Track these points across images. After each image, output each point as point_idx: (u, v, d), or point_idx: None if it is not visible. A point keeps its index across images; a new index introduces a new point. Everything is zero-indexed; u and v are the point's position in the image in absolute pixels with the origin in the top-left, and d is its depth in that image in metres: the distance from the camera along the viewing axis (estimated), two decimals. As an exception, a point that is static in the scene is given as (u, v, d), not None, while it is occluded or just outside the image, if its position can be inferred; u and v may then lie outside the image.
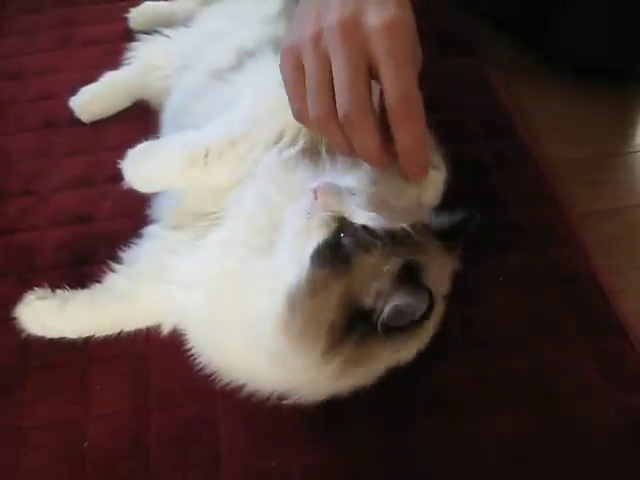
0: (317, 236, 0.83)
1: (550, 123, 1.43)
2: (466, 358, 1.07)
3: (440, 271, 0.88)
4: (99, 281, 1.08)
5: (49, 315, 1.05)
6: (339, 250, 0.81)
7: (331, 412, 0.98)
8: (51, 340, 1.06)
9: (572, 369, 1.06)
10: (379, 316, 0.80)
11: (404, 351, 0.87)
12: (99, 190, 1.28)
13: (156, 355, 1.05)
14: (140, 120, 1.39)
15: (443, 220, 0.90)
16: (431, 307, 0.79)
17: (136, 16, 1.57)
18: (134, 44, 1.45)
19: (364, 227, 0.82)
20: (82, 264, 1.16)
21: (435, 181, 1.03)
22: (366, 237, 0.81)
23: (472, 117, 1.43)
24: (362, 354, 0.83)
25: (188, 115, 1.17)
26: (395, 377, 1.01)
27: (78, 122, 1.41)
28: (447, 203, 1.21)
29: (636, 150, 1.42)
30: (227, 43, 1.21)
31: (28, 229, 1.23)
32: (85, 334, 1.05)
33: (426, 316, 0.80)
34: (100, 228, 1.22)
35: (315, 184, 0.85)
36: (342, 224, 0.83)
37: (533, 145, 1.38)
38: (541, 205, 1.27)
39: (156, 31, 1.44)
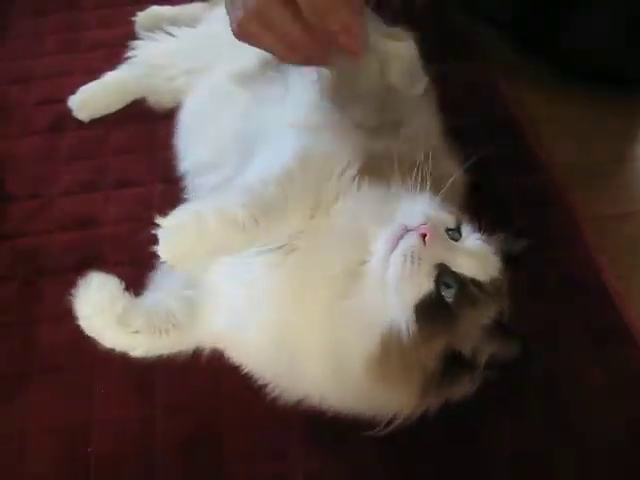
0: (423, 285, 0.80)
1: (555, 128, 1.43)
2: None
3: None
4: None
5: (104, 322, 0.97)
6: (441, 303, 0.80)
7: (334, 418, 0.98)
8: (56, 344, 1.06)
9: (577, 373, 1.06)
10: (478, 365, 0.83)
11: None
12: (104, 194, 1.29)
13: (162, 361, 1.04)
14: (146, 124, 1.40)
15: (506, 249, 0.90)
16: (527, 352, 0.83)
17: (143, 20, 1.57)
18: (135, 43, 1.45)
19: (472, 280, 0.82)
20: (87, 268, 1.15)
21: (398, 52, 1.02)
22: (475, 292, 0.81)
23: (476, 120, 1.42)
24: (452, 391, 0.85)
25: (209, 122, 1.16)
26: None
27: (83, 126, 1.42)
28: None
29: (644, 155, 1.42)
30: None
31: (33, 233, 1.23)
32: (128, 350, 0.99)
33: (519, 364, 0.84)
34: (105, 232, 1.22)
35: (418, 225, 0.82)
36: (442, 272, 0.81)
37: (538, 149, 1.38)
38: (546, 209, 1.27)
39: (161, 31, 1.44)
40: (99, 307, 0.96)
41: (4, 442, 0.99)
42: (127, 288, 1.01)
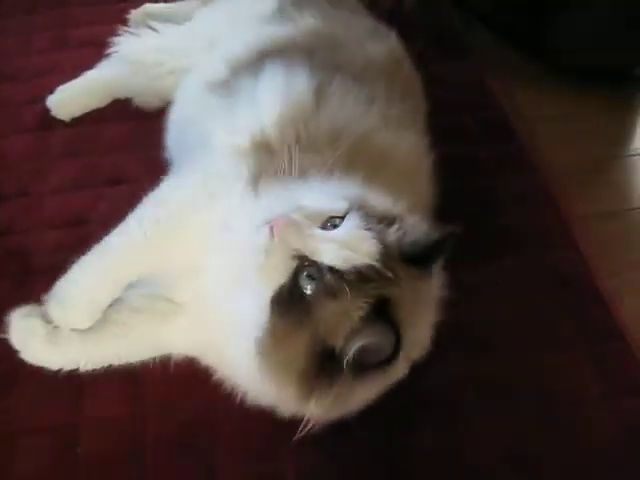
0: (275, 278, 0.79)
1: (549, 126, 1.44)
2: (465, 360, 1.06)
3: (416, 302, 0.82)
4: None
5: (37, 344, 0.99)
6: (300, 296, 0.78)
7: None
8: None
9: (570, 372, 1.06)
10: (344, 358, 0.77)
11: (386, 379, 0.84)
12: (95, 192, 1.28)
13: (152, 360, 1.03)
14: (135, 121, 1.39)
15: (416, 241, 0.81)
16: (398, 346, 0.76)
17: (137, 17, 1.56)
18: (116, 39, 1.43)
19: (330, 269, 0.77)
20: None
21: None
22: (332, 282, 0.77)
23: (470, 119, 1.43)
24: (336, 394, 0.80)
25: (189, 128, 1.15)
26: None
27: (74, 124, 1.41)
28: (446, 205, 1.23)
29: (634, 153, 1.42)
30: (219, 51, 1.21)
31: (24, 231, 1.23)
32: (71, 367, 1.00)
33: (394, 355, 0.76)
34: (96, 230, 1.18)
35: (271, 217, 0.80)
36: (301, 263, 0.78)
37: (531, 148, 1.38)
38: (539, 207, 1.28)
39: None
40: (29, 333, 0.99)
41: (-7, 442, 0.98)
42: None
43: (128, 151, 1.35)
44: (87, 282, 0.96)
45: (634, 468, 0.97)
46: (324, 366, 0.79)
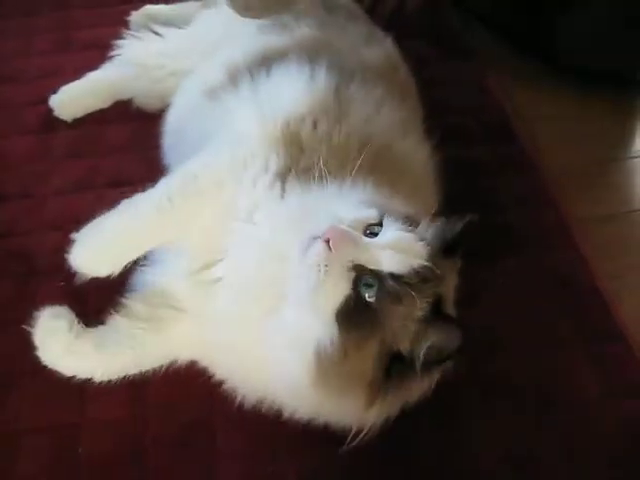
0: (339, 291, 0.78)
1: (550, 128, 1.44)
2: (465, 360, 1.06)
3: (452, 290, 0.86)
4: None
5: (58, 351, 1.00)
6: (363, 305, 0.78)
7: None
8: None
9: (570, 372, 1.06)
10: (416, 359, 0.79)
11: (438, 375, 0.86)
12: (97, 194, 1.28)
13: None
14: (137, 123, 1.39)
15: (443, 233, 0.83)
16: (463, 341, 0.78)
17: (137, 19, 1.56)
18: (119, 42, 1.44)
19: (391, 275, 0.78)
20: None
21: None
22: (396, 288, 0.77)
23: (471, 121, 1.44)
24: (405, 393, 0.83)
25: (186, 134, 1.15)
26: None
27: (75, 125, 1.41)
28: (447, 207, 1.23)
29: (635, 156, 1.43)
30: (217, 58, 1.21)
31: (26, 232, 1.23)
32: (86, 375, 1.00)
33: (460, 349, 0.78)
34: (98, 231, 1.21)
35: (324, 231, 0.79)
36: (360, 273, 0.78)
37: (532, 149, 1.39)
38: (540, 209, 1.28)
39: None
40: (53, 335, 1.00)
41: (-4, 442, 0.98)
42: (115, 288, 1.03)
43: (130, 152, 1.35)
44: (113, 236, 0.97)
45: (633, 469, 0.97)
46: (391, 370, 0.80)
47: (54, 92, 1.43)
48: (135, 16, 1.58)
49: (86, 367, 1.00)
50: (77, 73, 1.47)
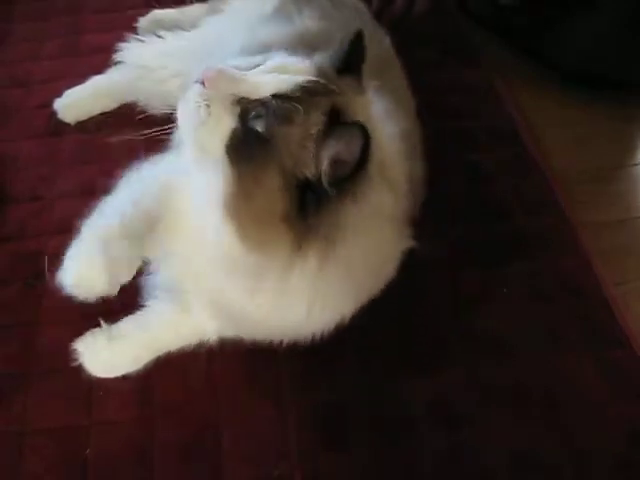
0: (223, 127, 0.75)
1: (555, 133, 1.44)
2: (472, 364, 1.07)
3: (366, 107, 0.81)
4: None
5: (104, 356, 1.01)
6: (252, 136, 0.74)
7: (333, 420, 0.98)
8: (55, 346, 1.06)
9: (576, 378, 1.06)
10: (323, 176, 0.74)
11: (373, 200, 0.78)
12: (104, 197, 1.28)
13: (160, 363, 1.05)
14: (145, 127, 1.39)
15: (335, 53, 0.81)
16: (367, 141, 0.71)
17: (145, 24, 1.57)
18: (122, 45, 1.44)
19: (274, 96, 0.74)
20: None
21: None
22: (281, 107, 0.74)
23: (477, 126, 1.44)
24: (331, 224, 0.76)
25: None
26: (398, 382, 1.02)
27: (84, 129, 1.42)
28: (450, 211, 1.24)
29: (641, 162, 1.43)
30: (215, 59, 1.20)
31: (34, 236, 1.24)
32: (138, 366, 1.02)
33: (365, 153, 0.71)
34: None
35: (201, 72, 0.77)
36: (245, 105, 0.75)
37: (538, 155, 1.39)
38: (545, 215, 1.28)
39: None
40: (93, 349, 1.01)
41: (2, 442, 0.99)
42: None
43: (137, 157, 1.36)
44: (96, 248, 0.91)
45: (638, 473, 0.97)
46: (304, 201, 0.75)
47: (59, 96, 1.44)
48: (143, 21, 1.60)
49: (135, 357, 1.02)
50: (85, 77, 1.47)
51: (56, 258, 1.17)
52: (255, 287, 0.83)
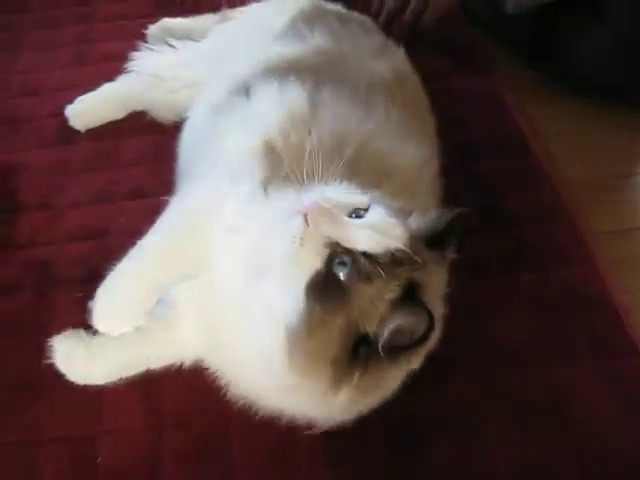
0: (310, 265, 0.79)
1: (564, 142, 1.44)
2: (481, 374, 1.07)
3: (438, 284, 0.85)
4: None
5: (80, 362, 1.03)
6: (335, 282, 0.78)
7: (344, 433, 0.98)
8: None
9: (585, 388, 1.06)
10: (380, 340, 0.78)
11: (411, 364, 0.84)
12: (115, 206, 1.30)
13: (170, 373, 1.05)
14: (155, 135, 1.41)
15: (430, 223, 0.84)
16: (431, 327, 0.76)
17: (155, 32, 1.58)
18: (135, 54, 1.46)
19: (364, 254, 0.78)
20: (98, 279, 1.16)
21: None
22: (366, 266, 0.78)
23: (485, 134, 1.44)
24: (370, 379, 0.81)
25: (197, 150, 1.16)
26: (409, 392, 1.02)
27: (95, 137, 1.43)
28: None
29: (651, 171, 1.43)
30: (227, 72, 1.22)
31: (45, 243, 1.24)
32: (113, 379, 1.03)
33: (426, 336, 0.76)
34: (116, 243, 1.21)
35: (304, 205, 0.81)
36: (334, 250, 0.79)
37: (547, 164, 1.39)
38: (555, 224, 1.28)
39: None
40: (71, 352, 1.03)
41: (14, 451, 0.99)
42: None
43: (147, 165, 1.37)
44: (124, 288, 0.98)
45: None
46: (356, 353, 0.79)
47: (71, 103, 1.46)
48: (153, 29, 1.61)
49: (109, 368, 1.03)
50: (96, 86, 1.48)
51: (68, 267, 1.21)
52: (285, 391, 0.87)
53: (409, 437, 1.00)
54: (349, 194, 0.85)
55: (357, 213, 0.82)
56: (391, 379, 0.85)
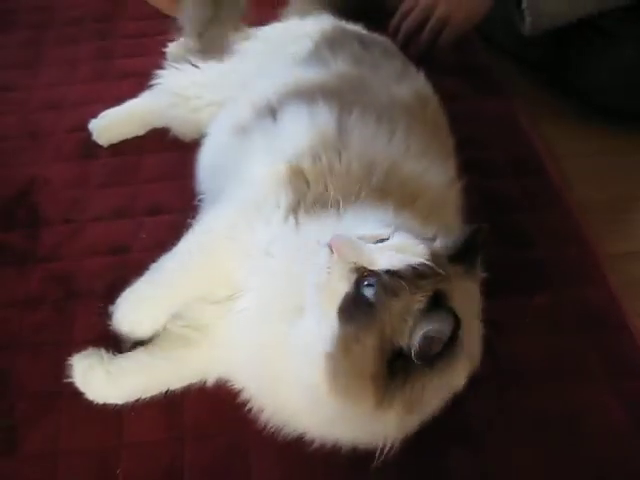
0: (340, 290, 0.83)
1: (579, 163, 1.46)
2: (496, 392, 1.08)
3: (466, 295, 0.88)
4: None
5: (98, 382, 1.04)
6: (362, 301, 0.82)
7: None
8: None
9: (598, 409, 1.07)
10: (412, 349, 0.80)
11: (453, 376, 0.86)
12: (135, 221, 1.32)
13: (191, 386, 1.06)
14: (178, 152, 1.43)
15: (452, 241, 0.88)
16: (457, 327, 0.79)
17: (174, 50, 1.60)
18: (160, 72, 1.48)
19: (387, 272, 0.82)
20: (118, 294, 1.17)
21: None
22: (391, 282, 0.82)
23: (501, 155, 1.46)
24: (413, 392, 0.83)
25: (218, 169, 1.19)
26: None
27: (116, 152, 1.46)
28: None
29: (665, 192, 1.44)
30: (249, 92, 1.24)
31: (66, 257, 1.26)
32: (131, 399, 1.04)
33: (455, 337, 0.80)
34: (136, 259, 1.23)
35: (328, 239, 0.85)
36: (361, 273, 0.83)
37: (562, 184, 1.40)
38: (569, 245, 1.29)
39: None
40: (91, 372, 1.04)
41: (35, 462, 1.01)
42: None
43: (168, 181, 1.39)
44: (148, 298, 1.03)
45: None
46: (394, 367, 0.82)
47: (92, 118, 1.48)
48: (172, 47, 1.62)
49: (131, 390, 1.04)
50: (116, 101, 1.51)
51: (88, 281, 1.22)
52: (336, 420, 0.89)
53: (423, 452, 1.00)
54: (373, 226, 0.89)
55: (381, 241, 0.86)
56: (434, 392, 0.86)
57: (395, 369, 0.82)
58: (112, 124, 1.48)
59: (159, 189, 1.37)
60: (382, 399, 0.82)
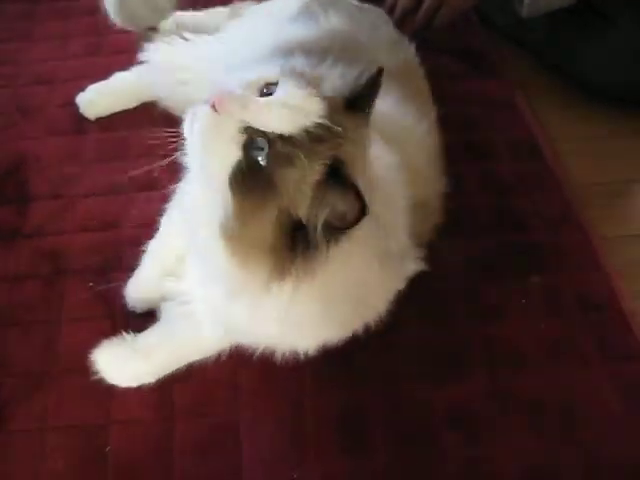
0: (229, 155, 0.76)
1: (577, 146, 1.45)
2: (490, 376, 1.07)
3: (363, 153, 0.81)
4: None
5: (127, 363, 1.03)
6: (258, 171, 0.75)
7: (351, 425, 0.99)
8: (76, 344, 1.07)
9: (592, 392, 1.06)
10: (316, 224, 0.76)
11: (358, 241, 0.80)
12: (126, 197, 1.30)
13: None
14: (168, 126, 1.40)
15: (350, 85, 0.80)
16: (363, 209, 0.72)
17: (167, 26, 1.58)
18: (148, 45, 1.44)
19: (280, 137, 0.74)
20: (109, 269, 1.17)
21: None
22: (285, 149, 0.74)
23: (497, 138, 1.44)
24: (311, 268, 0.79)
25: None
26: (416, 391, 1.02)
27: (107, 128, 1.44)
28: (468, 224, 1.24)
29: (663, 176, 1.43)
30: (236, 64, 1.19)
31: (56, 233, 1.25)
32: (162, 374, 1.04)
33: (360, 215, 0.73)
34: (126, 234, 1.23)
35: (212, 94, 0.77)
36: (251, 135, 0.75)
37: (558, 168, 1.39)
38: (565, 228, 1.28)
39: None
40: (114, 359, 1.04)
41: (23, 439, 1.00)
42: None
43: (159, 157, 1.36)
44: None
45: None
46: (295, 240, 0.78)
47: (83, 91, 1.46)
48: (165, 23, 1.60)
49: (161, 363, 1.04)
50: (108, 76, 1.48)
51: (78, 257, 1.21)
52: (234, 296, 0.87)
53: (417, 433, 1.00)
54: (259, 70, 0.82)
55: (269, 90, 0.78)
56: (336, 257, 0.80)
57: (295, 240, 0.77)
58: (99, 97, 1.46)
59: (150, 165, 1.34)
60: (281, 268, 0.78)
